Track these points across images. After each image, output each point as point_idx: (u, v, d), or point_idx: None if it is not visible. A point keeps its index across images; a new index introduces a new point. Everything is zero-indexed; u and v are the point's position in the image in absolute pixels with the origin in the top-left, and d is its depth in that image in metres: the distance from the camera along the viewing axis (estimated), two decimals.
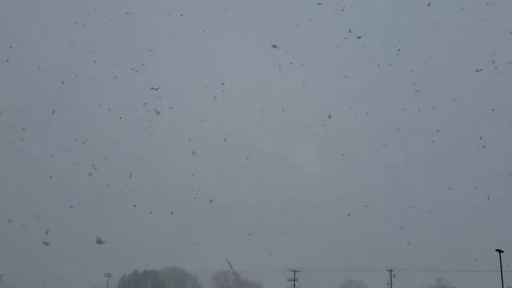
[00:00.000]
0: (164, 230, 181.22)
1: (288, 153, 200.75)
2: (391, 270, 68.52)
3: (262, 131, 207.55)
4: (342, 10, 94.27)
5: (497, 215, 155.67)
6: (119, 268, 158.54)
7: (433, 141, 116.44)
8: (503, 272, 38.28)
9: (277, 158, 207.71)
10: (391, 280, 68.23)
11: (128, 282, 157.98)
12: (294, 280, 76.40)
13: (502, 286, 38.17)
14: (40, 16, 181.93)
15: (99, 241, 63.73)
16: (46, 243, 61.90)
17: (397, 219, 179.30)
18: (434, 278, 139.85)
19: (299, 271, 76.76)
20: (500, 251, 38.87)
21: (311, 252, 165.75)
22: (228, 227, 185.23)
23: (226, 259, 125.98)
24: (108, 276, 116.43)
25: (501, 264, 38.54)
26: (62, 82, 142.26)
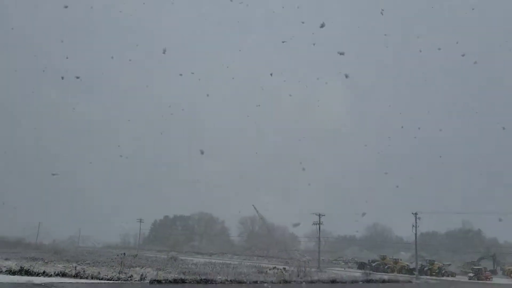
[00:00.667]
0: (194, 178, 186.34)
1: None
2: (416, 213, 68.95)
3: None
4: None
5: None
6: (150, 215, 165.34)
7: None
8: None
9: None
10: (416, 223, 68.85)
11: (159, 227, 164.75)
12: (319, 224, 77.84)
13: None
14: None
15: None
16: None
17: (422, 165, 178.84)
18: (460, 220, 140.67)
19: (324, 215, 78.01)
20: None
21: (337, 198, 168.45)
22: (254, 176, 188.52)
23: (253, 205, 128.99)
24: (140, 222, 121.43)
25: None
26: None
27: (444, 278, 75.43)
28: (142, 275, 36.30)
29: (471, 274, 76.44)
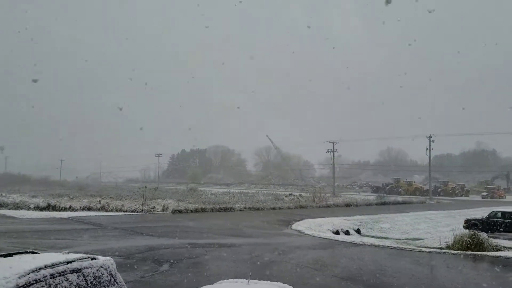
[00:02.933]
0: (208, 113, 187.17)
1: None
2: (430, 136, 69.11)
3: None
4: None
5: None
6: (168, 149, 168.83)
7: None
8: None
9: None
10: (429, 146, 69.23)
11: (177, 160, 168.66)
12: (333, 151, 78.77)
13: None
14: None
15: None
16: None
17: (434, 88, 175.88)
18: (474, 141, 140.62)
19: (337, 142, 78.71)
20: None
21: (350, 125, 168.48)
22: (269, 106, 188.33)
23: (267, 135, 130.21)
24: (159, 156, 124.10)
25: None
26: None
27: (458, 198, 77.17)
28: (164, 206, 37.89)
29: (484, 193, 77.90)
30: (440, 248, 19.22)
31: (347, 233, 27.10)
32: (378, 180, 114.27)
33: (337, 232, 26.34)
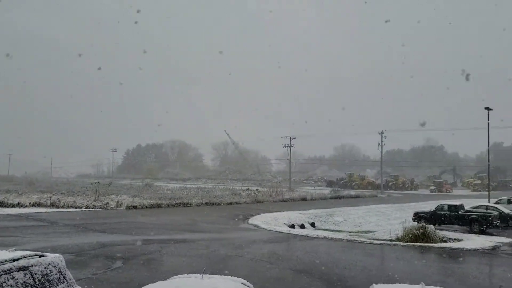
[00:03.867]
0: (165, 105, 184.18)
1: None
2: (382, 132, 71.36)
3: None
4: None
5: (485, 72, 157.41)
6: (123, 143, 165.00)
7: None
8: (490, 129, 40.15)
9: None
10: (381, 142, 71.48)
11: (132, 155, 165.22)
12: (290, 147, 79.75)
13: (488, 141, 40.32)
14: None
15: None
16: None
17: (385, 86, 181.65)
18: (423, 137, 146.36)
19: (294, 138, 79.76)
20: (488, 109, 40.30)
21: (306, 121, 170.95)
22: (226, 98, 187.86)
23: (225, 130, 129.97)
24: (113, 151, 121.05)
25: (488, 122, 40.21)
26: None
27: (407, 192, 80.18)
28: (118, 202, 37.09)
29: (432, 187, 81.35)
30: (391, 240, 19.94)
31: (302, 226, 27.56)
32: (332, 175, 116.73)
33: (292, 226, 26.74)
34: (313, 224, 28.84)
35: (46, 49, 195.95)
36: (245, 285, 5.48)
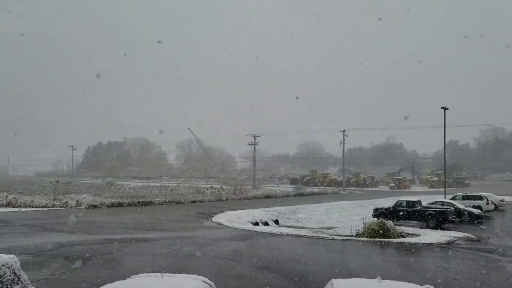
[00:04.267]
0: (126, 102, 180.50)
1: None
2: (344, 131, 72.73)
3: None
4: None
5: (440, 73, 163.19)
6: (83, 141, 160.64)
7: None
8: (446, 128, 41.78)
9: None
10: (343, 140, 72.86)
11: (93, 153, 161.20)
12: (254, 144, 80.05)
13: (445, 139, 41.93)
14: None
15: None
16: None
17: (351, 80, 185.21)
18: (384, 136, 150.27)
19: (259, 136, 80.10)
20: (445, 109, 41.88)
21: (271, 119, 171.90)
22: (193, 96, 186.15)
23: (189, 128, 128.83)
24: (73, 148, 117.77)
25: (445, 121, 41.80)
26: None
27: (368, 188, 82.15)
28: (78, 201, 36.15)
29: (392, 184, 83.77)
30: (351, 235, 20.38)
31: (266, 224, 27.75)
32: (296, 172, 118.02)
33: (256, 223, 26.88)
34: (276, 222, 29.09)
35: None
36: (206, 283, 5.47)
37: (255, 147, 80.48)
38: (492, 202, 33.69)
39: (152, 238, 18.57)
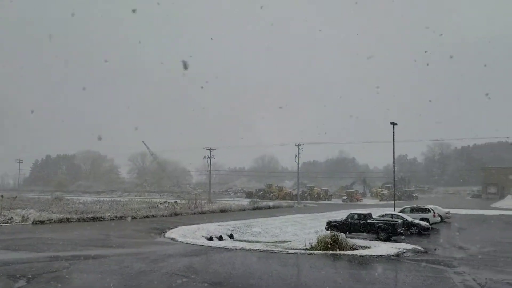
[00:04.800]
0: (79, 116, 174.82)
1: None
2: (299, 145, 73.89)
3: None
4: None
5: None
6: (30, 154, 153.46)
7: None
8: (395, 143, 43.53)
9: None
10: (298, 153, 73.95)
11: (41, 167, 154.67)
12: (210, 158, 79.71)
13: (394, 154, 43.55)
14: None
15: None
16: None
17: (305, 95, 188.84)
18: (337, 150, 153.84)
19: (215, 149, 79.90)
20: (394, 124, 43.63)
21: (226, 131, 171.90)
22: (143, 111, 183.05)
23: (143, 141, 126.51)
24: (19, 162, 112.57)
25: (394, 136, 43.54)
26: None
27: (322, 201, 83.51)
28: (23, 216, 34.47)
29: (344, 197, 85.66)
30: (305, 249, 20.58)
31: (220, 238, 27.52)
32: (252, 186, 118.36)
33: (210, 238, 26.61)
34: (231, 236, 28.93)
35: None
36: None
37: (210, 160, 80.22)
38: (439, 215, 35.14)
39: (101, 255, 17.96)
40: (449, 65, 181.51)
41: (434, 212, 34.22)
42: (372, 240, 24.14)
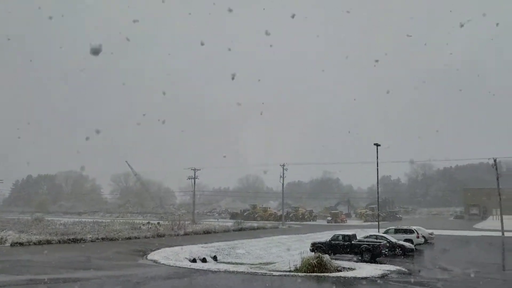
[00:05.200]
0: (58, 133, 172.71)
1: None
2: (283, 165, 73.95)
3: None
4: None
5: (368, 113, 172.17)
6: (10, 174, 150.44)
7: None
8: (378, 163, 43.85)
9: None
10: (283, 174, 73.94)
11: (22, 187, 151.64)
12: (194, 178, 79.19)
13: (377, 174, 43.85)
14: None
15: None
16: None
17: (288, 120, 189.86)
18: (321, 170, 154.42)
19: (199, 170, 79.46)
20: (377, 145, 44.04)
21: (211, 151, 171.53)
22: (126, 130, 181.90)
23: (126, 161, 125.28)
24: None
25: (377, 156, 43.88)
26: None
27: (307, 222, 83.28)
28: (1, 238, 33.61)
29: (329, 218, 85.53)
30: (290, 271, 20.42)
31: (204, 260, 27.14)
32: (237, 207, 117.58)
33: (194, 260, 26.22)
34: (215, 258, 28.55)
35: None
36: None
37: (194, 180, 79.63)
38: (422, 236, 35.30)
39: (82, 278, 17.55)
40: (431, 88, 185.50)
41: (418, 233, 34.38)
42: (357, 262, 24.10)
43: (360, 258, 25.40)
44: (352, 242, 26.35)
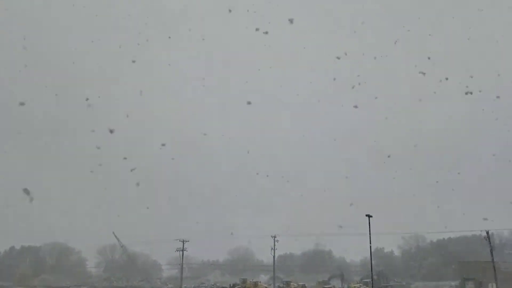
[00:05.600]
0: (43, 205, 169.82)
1: None
2: (274, 236, 72.82)
3: None
4: None
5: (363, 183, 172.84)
6: None
7: None
8: (371, 235, 43.49)
9: None
10: (274, 245, 72.58)
11: (4, 259, 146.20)
12: (182, 250, 77.34)
13: (370, 246, 43.30)
14: None
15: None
16: None
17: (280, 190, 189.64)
18: (313, 242, 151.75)
19: (187, 241, 77.84)
20: (369, 216, 43.91)
21: (200, 222, 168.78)
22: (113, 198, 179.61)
23: (113, 232, 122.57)
24: None
25: (369, 228, 43.60)
26: None
27: None
28: None
29: None
30: None
31: None
32: (226, 280, 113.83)
33: None
34: None
35: None
36: None
37: (183, 253, 77.71)
38: None
39: None
40: (416, 156, 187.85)
41: None
42: None
43: None
44: None
